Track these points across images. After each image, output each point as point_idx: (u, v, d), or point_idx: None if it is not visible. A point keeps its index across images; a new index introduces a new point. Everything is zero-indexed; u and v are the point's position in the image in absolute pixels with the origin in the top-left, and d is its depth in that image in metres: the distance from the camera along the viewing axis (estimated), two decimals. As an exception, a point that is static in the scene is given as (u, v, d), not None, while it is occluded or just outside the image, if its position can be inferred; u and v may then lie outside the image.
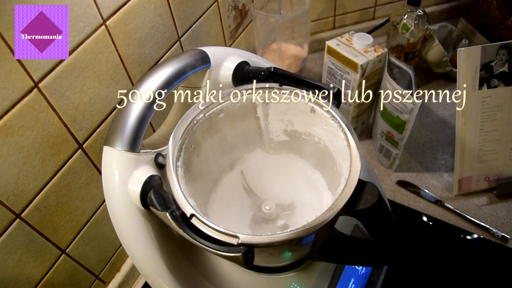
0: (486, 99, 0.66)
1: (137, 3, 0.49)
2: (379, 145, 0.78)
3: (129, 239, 0.41)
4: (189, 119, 0.44)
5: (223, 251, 0.34)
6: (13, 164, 0.41)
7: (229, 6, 0.71)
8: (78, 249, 0.53)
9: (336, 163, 0.44)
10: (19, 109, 0.39)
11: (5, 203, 0.41)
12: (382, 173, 0.78)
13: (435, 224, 0.69)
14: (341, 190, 0.37)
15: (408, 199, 0.73)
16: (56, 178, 0.46)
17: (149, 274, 0.43)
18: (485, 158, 0.70)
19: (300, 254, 0.46)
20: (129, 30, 0.49)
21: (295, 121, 0.49)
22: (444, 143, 0.81)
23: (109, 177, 0.41)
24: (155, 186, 0.41)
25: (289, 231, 0.35)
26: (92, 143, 0.49)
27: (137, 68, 0.53)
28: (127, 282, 0.64)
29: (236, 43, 0.78)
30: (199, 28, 0.64)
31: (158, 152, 0.44)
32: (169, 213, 0.37)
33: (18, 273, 0.45)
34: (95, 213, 0.54)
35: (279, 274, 0.47)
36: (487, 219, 0.69)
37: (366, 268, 0.53)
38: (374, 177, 0.58)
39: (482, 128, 0.68)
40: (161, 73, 0.44)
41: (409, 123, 0.67)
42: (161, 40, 0.56)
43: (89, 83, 0.46)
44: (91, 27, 0.44)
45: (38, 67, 0.40)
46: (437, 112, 0.88)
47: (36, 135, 0.42)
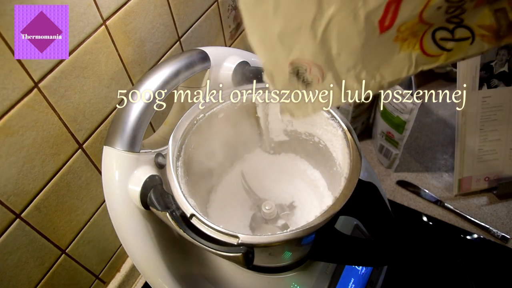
0: (486, 99, 0.66)
1: (137, 3, 0.49)
2: (379, 145, 0.78)
3: (129, 239, 0.41)
4: (189, 119, 0.44)
5: (223, 251, 0.34)
6: (13, 164, 0.40)
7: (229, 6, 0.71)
8: (78, 249, 0.53)
9: (336, 163, 0.44)
10: (19, 109, 0.39)
11: (5, 203, 0.41)
12: (382, 173, 0.78)
13: (435, 224, 0.69)
14: (341, 190, 0.37)
15: (408, 199, 0.73)
16: (56, 178, 0.46)
17: (149, 274, 0.43)
18: (485, 158, 0.70)
19: (300, 254, 0.46)
20: (129, 30, 0.49)
21: (295, 121, 0.49)
22: (444, 143, 0.81)
23: (109, 177, 0.41)
24: (155, 186, 0.41)
25: (289, 231, 0.35)
26: (92, 143, 0.49)
27: (137, 68, 0.53)
28: (127, 282, 0.64)
29: (236, 43, 0.78)
30: (199, 28, 0.64)
31: (158, 152, 0.44)
32: (169, 213, 0.37)
33: (18, 273, 0.45)
34: (95, 213, 0.54)
35: (279, 274, 0.47)
36: (487, 219, 0.69)
37: (366, 268, 0.53)
38: (374, 177, 0.58)
39: (482, 128, 0.68)
40: (161, 73, 0.44)
41: (409, 123, 0.67)
42: (161, 40, 0.56)
43: (89, 83, 0.46)
44: (91, 27, 0.44)
45: (38, 67, 0.40)
46: (437, 112, 0.88)
47: (36, 135, 0.42)
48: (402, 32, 0.29)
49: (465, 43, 0.28)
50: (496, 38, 0.27)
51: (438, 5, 0.27)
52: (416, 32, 0.29)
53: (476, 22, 0.27)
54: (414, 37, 0.29)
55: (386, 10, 0.28)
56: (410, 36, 0.29)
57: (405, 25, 0.28)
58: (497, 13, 0.26)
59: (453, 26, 0.28)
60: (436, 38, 0.29)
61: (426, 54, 0.30)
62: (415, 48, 0.30)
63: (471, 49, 0.28)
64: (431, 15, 0.27)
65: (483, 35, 0.27)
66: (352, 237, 0.49)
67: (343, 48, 0.31)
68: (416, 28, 0.29)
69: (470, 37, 0.28)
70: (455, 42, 0.28)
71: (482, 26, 0.27)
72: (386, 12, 0.28)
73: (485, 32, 0.27)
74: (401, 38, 0.29)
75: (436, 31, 0.28)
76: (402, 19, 0.28)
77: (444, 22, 0.28)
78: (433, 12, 0.27)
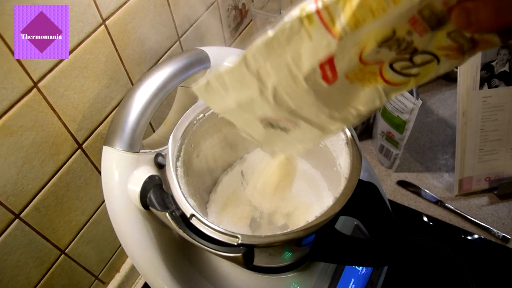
0: (486, 99, 0.66)
1: (136, 2, 0.49)
2: (379, 145, 0.78)
3: (128, 239, 0.41)
4: (189, 119, 0.44)
5: (223, 251, 0.34)
6: (13, 164, 0.40)
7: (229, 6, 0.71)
8: (77, 249, 0.53)
9: (336, 163, 0.44)
10: (18, 109, 0.39)
11: (4, 203, 0.41)
12: (382, 173, 0.78)
13: (436, 224, 0.69)
14: (341, 190, 0.37)
15: (408, 199, 0.73)
16: (56, 178, 0.46)
17: (148, 274, 0.43)
18: (485, 158, 0.69)
19: (300, 255, 0.46)
20: (128, 29, 0.49)
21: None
22: (444, 143, 0.81)
23: (109, 177, 0.41)
24: (154, 186, 0.40)
25: (289, 231, 0.35)
26: (91, 143, 0.49)
27: (137, 68, 0.53)
28: (126, 283, 0.64)
29: (236, 43, 0.78)
30: (199, 28, 0.64)
31: (158, 152, 0.44)
32: (168, 213, 0.37)
33: (17, 274, 0.45)
34: (95, 213, 0.54)
35: (279, 275, 0.47)
36: (487, 219, 0.68)
37: (366, 269, 0.53)
38: (374, 177, 0.58)
39: (483, 128, 0.68)
40: (161, 73, 0.44)
41: (409, 123, 0.67)
42: (161, 40, 0.56)
43: (89, 83, 0.46)
44: (91, 26, 0.44)
45: (37, 67, 0.40)
46: (437, 112, 0.87)
47: (36, 135, 0.42)
48: (354, 77, 0.27)
49: (431, 65, 0.25)
50: (462, 54, 0.24)
51: (374, 52, 0.25)
52: (370, 71, 0.27)
53: (433, 46, 0.24)
54: (372, 75, 0.27)
55: (322, 70, 0.27)
56: (366, 75, 0.27)
57: (352, 72, 0.27)
58: (451, 34, 0.23)
59: (409, 56, 0.25)
60: (397, 69, 0.26)
61: (392, 84, 0.27)
62: (378, 81, 0.27)
63: (441, 68, 0.26)
64: (375, 58, 0.26)
65: (447, 55, 0.25)
66: (352, 237, 0.49)
67: (300, 103, 0.30)
68: (367, 70, 0.27)
69: (434, 59, 0.25)
70: (420, 67, 0.26)
71: (441, 48, 0.24)
72: (323, 71, 0.27)
73: (448, 52, 0.24)
74: (357, 79, 0.28)
75: (393, 63, 0.26)
76: (344, 70, 0.27)
77: (396, 55, 0.25)
78: (374, 55, 0.25)
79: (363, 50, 0.25)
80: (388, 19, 0.22)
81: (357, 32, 0.23)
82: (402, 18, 0.22)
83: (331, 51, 0.25)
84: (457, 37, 0.23)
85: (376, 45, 0.24)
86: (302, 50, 0.26)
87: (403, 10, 0.22)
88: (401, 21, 0.23)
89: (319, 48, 0.25)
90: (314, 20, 0.24)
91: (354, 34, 0.24)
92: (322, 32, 0.24)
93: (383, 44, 0.24)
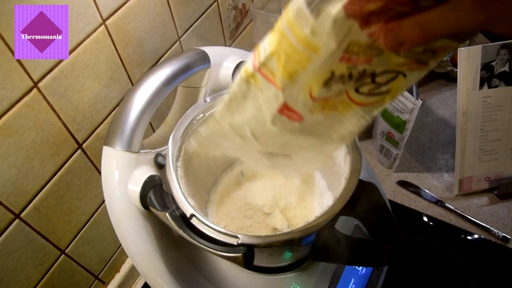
0: (486, 99, 0.66)
1: (136, 2, 0.49)
2: (379, 145, 0.78)
3: (128, 239, 0.41)
4: (189, 119, 0.44)
5: (223, 251, 0.34)
6: (12, 164, 0.40)
7: (229, 6, 0.71)
8: (77, 249, 0.53)
9: (336, 163, 0.44)
10: (18, 109, 0.39)
11: (4, 203, 0.41)
12: (382, 173, 0.78)
13: (436, 224, 0.69)
14: (341, 190, 0.37)
15: (408, 199, 0.73)
16: (56, 178, 0.46)
17: (148, 274, 0.43)
18: (485, 158, 0.69)
19: (300, 255, 0.46)
20: (128, 29, 0.49)
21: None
22: (444, 143, 0.81)
23: (109, 177, 0.41)
24: (154, 186, 0.40)
25: (289, 231, 0.35)
26: (91, 143, 0.49)
27: (137, 68, 0.53)
28: (126, 283, 0.64)
29: (236, 43, 0.78)
30: (199, 28, 0.63)
31: (158, 152, 0.44)
32: (168, 213, 0.37)
33: (17, 274, 0.45)
34: (95, 213, 0.54)
35: (279, 275, 0.47)
36: (487, 219, 0.68)
37: (366, 269, 0.53)
38: (374, 177, 0.58)
39: (483, 128, 0.68)
40: (161, 73, 0.44)
41: (409, 123, 0.67)
42: (161, 40, 0.56)
43: (89, 83, 0.46)
44: (91, 26, 0.44)
45: (37, 67, 0.40)
46: (437, 112, 0.87)
47: (36, 135, 0.42)
48: (324, 109, 0.27)
49: (398, 79, 0.25)
50: (425, 64, 0.24)
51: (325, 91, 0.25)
52: (338, 102, 0.27)
53: (390, 65, 0.24)
54: (342, 103, 0.27)
55: (284, 114, 0.27)
56: (336, 105, 0.27)
57: (317, 108, 0.27)
58: (400, 53, 0.22)
59: (370, 79, 0.25)
60: (365, 92, 0.26)
61: (366, 105, 0.27)
62: (353, 106, 0.27)
63: (410, 79, 0.25)
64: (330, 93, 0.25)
65: (409, 68, 0.24)
66: (352, 237, 0.49)
67: (284, 140, 0.31)
68: (331, 102, 0.27)
69: (398, 75, 0.24)
70: (387, 85, 0.25)
71: (399, 65, 0.24)
72: (286, 115, 0.27)
73: (409, 66, 0.24)
74: (330, 110, 0.28)
75: (358, 88, 0.25)
76: (305, 110, 0.27)
77: (355, 83, 0.25)
78: (327, 92, 0.25)
79: (311, 92, 0.25)
80: (318, 66, 0.23)
81: (296, 80, 0.24)
82: (332, 61, 0.22)
83: (280, 101, 0.26)
84: (407, 54, 0.23)
85: (321, 87, 0.25)
86: (260, 101, 0.27)
87: (326, 56, 0.22)
88: (332, 63, 0.23)
89: (270, 99, 0.27)
90: (258, 77, 0.26)
91: (293, 83, 0.24)
92: (268, 86, 0.26)
93: (328, 84, 0.24)
